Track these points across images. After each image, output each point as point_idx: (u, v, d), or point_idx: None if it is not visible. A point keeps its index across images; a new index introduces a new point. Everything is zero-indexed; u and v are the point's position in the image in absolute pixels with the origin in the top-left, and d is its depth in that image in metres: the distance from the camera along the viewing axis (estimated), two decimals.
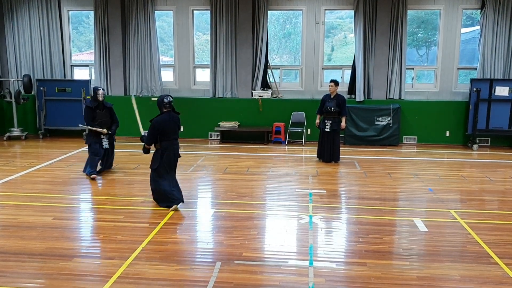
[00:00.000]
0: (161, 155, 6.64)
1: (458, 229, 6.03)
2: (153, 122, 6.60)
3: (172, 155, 6.71)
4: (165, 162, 6.66)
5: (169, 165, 6.73)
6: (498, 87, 11.95)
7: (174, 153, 6.76)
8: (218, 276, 4.59)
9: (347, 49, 14.06)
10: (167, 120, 6.62)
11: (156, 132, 6.57)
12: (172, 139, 6.71)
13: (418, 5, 12.59)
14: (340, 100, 9.90)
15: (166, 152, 6.65)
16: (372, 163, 10.21)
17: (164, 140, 6.63)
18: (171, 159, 6.72)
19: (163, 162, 6.65)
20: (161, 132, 6.58)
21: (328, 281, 4.53)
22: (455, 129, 12.57)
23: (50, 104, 13.16)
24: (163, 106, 6.66)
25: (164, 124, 6.59)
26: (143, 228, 5.92)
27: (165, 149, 6.64)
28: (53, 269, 4.70)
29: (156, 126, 6.56)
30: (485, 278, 4.61)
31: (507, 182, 8.67)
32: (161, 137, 6.62)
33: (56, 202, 7.05)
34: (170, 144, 6.67)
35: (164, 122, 6.59)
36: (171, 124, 6.67)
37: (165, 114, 6.65)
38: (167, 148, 6.65)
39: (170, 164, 6.73)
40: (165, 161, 6.66)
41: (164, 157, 6.64)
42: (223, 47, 12.95)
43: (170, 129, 6.65)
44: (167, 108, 6.67)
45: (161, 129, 6.57)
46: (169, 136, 6.66)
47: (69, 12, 13.74)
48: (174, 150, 6.75)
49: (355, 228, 6.04)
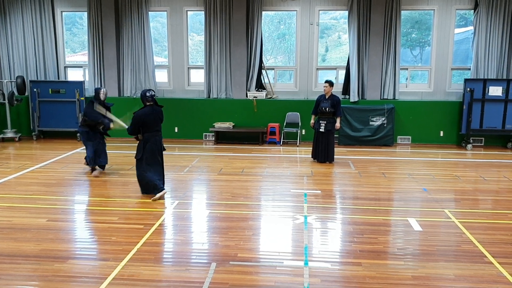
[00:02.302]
0: (143, 146, 7.13)
1: (452, 229, 6.06)
2: (135, 115, 7.06)
3: (154, 146, 7.16)
4: (148, 152, 7.14)
5: (152, 155, 7.18)
6: (491, 87, 12.03)
7: (156, 144, 7.20)
8: (213, 277, 4.58)
9: (341, 50, 14.10)
10: (149, 113, 7.09)
11: (138, 124, 7.05)
12: (154, 131, 7.18)
13: (411, 6, 12.64)
14: (335, 100, 9.92)
15: (148, 143, 7.12)
16: (366, 163, 10.23)
17: (146, 132, 7.11)
18: (153, 150, 7.17)
19: (146, 152, 7.13)
20: (142, 124, 7.05)
21: (323, 281, 4.54)
22: (449, 129, 12.63)
23: (43, 106, 13.11)
24: (145, 99, 7.13)
25: (146, 116, 7.06)
26: (138, 229, 5.90)
27: (147, 140, 7.12)
28: (48, 271, 4.67)
29: (138, 119, 7.03)
30: (480, 277, 4.63)
31: (501, 182, 8.72)
32: (143, 129, 7.09)
33: (51, 203, 7.02)
34: (151, 136, 7.14)
35: (146, 115, 7.06)
36: (153, 116, 7.13)
37: (148, 107, 7.14)
38: (148, 139, 7.13)
39: (153, 154, 7.18)
40: (148, 151, 7.13)
41: (147, 147, 7.12)
42: (217, 48, 12.95)
43: (151, 122, 7.12)
44: (149, 101, 7.14)
45: (142, 122, 7.03)
46: (151, 128, 7.13)
47: (63, 13, 13.69)
48: (156, 141, 7.20)
49: (350, 228, 6.05)
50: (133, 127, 7.10)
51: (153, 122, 7.17)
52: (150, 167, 7.20)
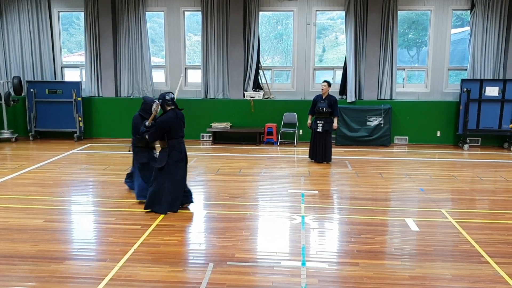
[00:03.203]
0: (168, 154, 6.45)
1: (449, 229, 6.07)
2: (159, 122, 6.39)
3: (178, 154, 6.51)
4: (173, 161, 6.47)
5: (178, 165, 6.52)
6: (488, 87, 12.06)
7: (181, 152, 6.55)
8: (210, 277, 4.58)
9: (338, 50, 14.11)
10: (173, 117, 6.43)
11: (163, 132, 6.39)
12: (179, 137, 6.53)
13: (408, 6, 12.67)
14: (332, 100, 9.94)
15: (173, 151, 6.47)
16: (363, 163, 10.25)
17: (171, 139, 6.45)
18: (178, 158, 6.50)
19: (170, 161, 6.45)
20: (168, 131, 6.40)
21: (321, 281, 4.54)
22: (446, 129, 12.66)
23: (40, 106, 13.07)
24: (165, 104, 6.46)
25: (171, 122, 6.39)
26: (135, 230, 5.89)
27: (172, 148, 6.47)
28: (45, 272, 4.66)
29: (162, 125, 6.36)
30: (476, 277, 4.65)
31: (497, 182, 8.74)
32: (168, 136, 6.42)
33: (47, 204, 7.00)
34: (177, 143, 6.50)
35: (171, 120, 6.40)
36: (177, 121, 6.48)
37: (170, 112, 6.45)
38: (174, 147, 6.48)
39: (177, 163, 6.51)
40: (173, 160, 6.47)
41: (172, 155, 6.45)
42: (214, 48, 12.94)
43: (176, 127, 6.47)
44: (170, 105, 6.47)
45: (168, 128, 6.38)
46: (176, 134, 6.48)
47: (59, 13, 13.65)
48: (181, 148, 6.56)
49: (347, 228, 6.05)
50: (157, 134, 6.43)
51: (178, 128, 6.51)
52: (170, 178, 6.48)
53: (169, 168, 6.44)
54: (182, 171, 6.58)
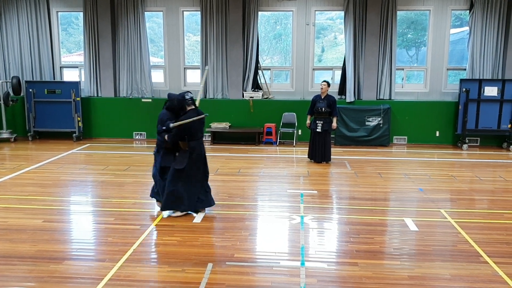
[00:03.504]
0: (189, 156, 6.18)
1: (448, 229, 6.07)
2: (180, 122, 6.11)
3: (199, 156, 6.28)
4: (193, 163, 6.21)
5: (197, 166, 6.27)
6: (487, 87, 12.08)
7: (202, 153, 6.34)
8: (209, 277, 4.58)
9: (337, 50, 14.11)
10: (194, 117, 6.12)
11: (184, 133, 6.10)
12: (199, 138, 6.31)
13: (407, 6, 12.68)
14: (331, 100, 9.95)
15: (194, 152, 6.21)
16: (362, 163, 10.25)
17: (191, 140, 6.19)
18: (198, 160, 6.27)
19: (191, 163, 6.19)
20: (189, 132, 6.13)
21: (320, 281, 4.54)
22: (445, 129, 12.67)
23: (39, 106, 13.06)
24: (185, 103, 6.20)
25: (192, 122, 6.09)
26: (134, 230, 5.89)
27: (193, 149, 6.21)
28: (44, 272, 4.66)
29: (185, 127, 6.09)
30: (475, 277, 4.65)
31: (496, 182, 8.75)
32: (189, 137, 6.17)
33: (46, 204, 6.99)
34: (197, 144, 6.26)
35: (193, 121, 6.09)
36: (198, 122, 6.22)
37: (191, 112, 6.16)
38: (194, 148, 6.22)
39: (198, 165, 6.27)
40: (194, 161, 6.21)
41: (193, 157, 6.20)
42: (213, 48, 12.94)
43: (197, 128, 6.24)
44: (190, 105, 6.21)
45: (188, 129, 6.11)
46: (196, 134, 6.24)
47: (58, 13, 13.64)
48: (201, 149, 6.33)
49: (346, 228, 6.05)
50: (178, 136, 6.12)
51: (198, 128, 6.28)
52: (190, 179, 6.24)
53: (189, 170, 6.20)
54: (200, 172, 6.34)
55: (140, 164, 9.90)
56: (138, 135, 13.37)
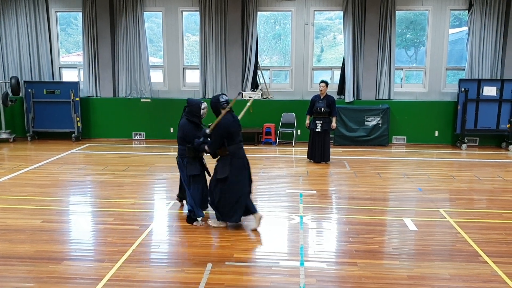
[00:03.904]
0: (230, 162, 5.78)
1: (447, 228, 6.08)
2: (218, 126, 5.73)
3: (241, 161, 5.85)
4: (236, 169, 5.78)
5: (240, 172, 5.84)
6: (485, 87, 12.08)
7: (243, 158, 5.89)
8: (209, 277, 4.58)
9: (336, 50, 14.12)
10: (231, 120, 5.79)
11: (222, 137, 5.71)
12: (238, 142, 5.87)
13: (406, 6, 12.68)
14: (330, 100, 9.95)
15: (234, 158, 5.80)
16: (362, 163, 10.25)
17: (231, 144, 5.77)
18: (241, 166, 5.85)
19: (233, 169, 5.76)
20: (227, 136, 5.74)
21: (319, 281, 4.54)
22: (444, 129, 12.68)
23: (38, 106, 13.05)
24: (220, 107, 5.82)
25: (230, 125, 5.74)
26: (133, 230, 5.88)
27: (233, 155, 5.80)
28: (43, 273, 4.65)
29: (223, 130, 5.70)
30: (474, 277, 4.65)
31: (495, 181, 8.76)
32: (228, 141, 5.76)
33: (45, 204, 6.99)
34: (237, 148, 5.83)
35: (229, 124, 5.74)
36: (236, 124, 5.87)
37: (228, 114, 5.79)
38: (235, 153, 5.81)
39: (241, 171, 5.84)
40: (236, 167, 5.78)
41: (234, 163, 5.78)
42: (212, 48, 12.94)
43: (236, 131, 5.82)
44: (225, 108, 5.81)
45: (227, 133, 5.71)
46: (236, 139, 5.81)
47: (57, 14, 13.63)
48: (241, 154, 5.89)
49: (345, 228, 6.06)
50: (217, 143, 5.75)
51: (237, 132, 5.85)
52: (237, 186, 5.82)
53: (232, 178, 5.78)
54: (245, 179, 5.92)
55: (139, 164, 9.89)
56: (137, 135, 13.37)
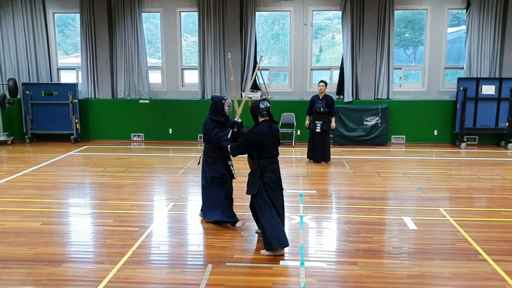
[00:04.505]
0: (260, 177, 5.22)
1: (447, 227, 6.08)
2: (249, 134, 5.30)
3: (273, 177, 5.25)
4: (268, 186, 5.21)
5: (272, 190, 5.24)
6: (484, 85, 12.08)
7: (276, 174, 5.30)
8: (209, 278, 4.57)
9: (335, 50, 14.12)
10: (266, 131, 5.21)
11: (251, 146, 5.19)
12: (272, 156, 5.29)
13: (405, 5, 12.68)
14: (329, 100, 9.96)
15: (266, 172, 5.23)
16: (361, 162, 10.25)
17: (262, 157, 5.21)
18: (274, 181, 5.25)
19: (266, 185, 5.20)
20: (258, 147, 5.17)
21: (320, 280, 4.54)
22: (443, 128, 12.68)
23: (36, 108, 13.02)
24: (259, 114, 5.29)
25: (263, 136, 5.18)
26: (133, 232, 5.87)
27: (264, 169, 5.23)
28: (42, 275, 4.64)
29: (253, 139, 5.18)
30: (474, 275, 4.65)
31: (494, 180, 8.76)
32: (258, 153, 5.20)
33: (44, 207, 6.97)
34: (270, 163, 5.25)
35: (263, 134, 5.18)
36: (271, 136, 5.25)
37: (264, 123, 5.26)
38: (266, 167, 5.23)
39: (273, 188, 5.24)
40: (268, 184, 5.20)
41: (265, 179, 5.20)
42: (211, 48, 12.93)
43: (269, 143, 5.22)
44: (264, 116, 5.29)
45: (258, 143, 5.15)
46: (269, 152, 5.24)
47: (54, 15, 13.61)
48: (275, 170, 5.30)
49: (345, 228, 6.05)
50: (243, 147, 5.26)
51: (271, 144, 5.25)
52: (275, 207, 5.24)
53: (266, 196, 5.22)
54: (278, 200, 5.32)
55: (138, 166, 9.88)
56: (136, 137, 13.35)
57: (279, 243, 5.10)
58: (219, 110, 5.91)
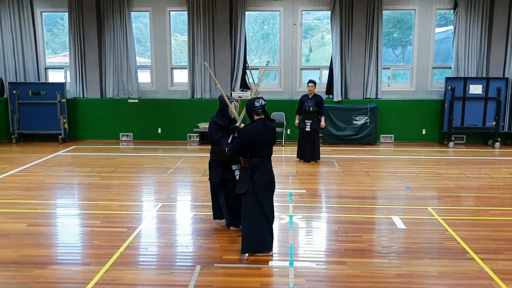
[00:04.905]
0: (250, 176, 5.08)
1: (435, 226, 6.11)
2: (243, 132, 5.11)
3: (264, 177, 5.10)
4: (257, 186, 5.06)
5: (262, 191, 5.10)
6: (472, 85, 12.18)
7: (267, 174, 5.14)
8: (197, 279, 4.54)
9: (324, 50, 14.14)
10: (260, 129, 5.07)
11: (245, 145, 5.03)
12: (265, 155, 5.15)
13: (393, 6, 12.74)
14: (318, 100, 9.98)
15: (257, 172, 5.08)
16: (350, 162, 10.28)
17: (254, 156, 5.07)
18: (264, 182, 5.10)
19: (255, 185, 5.05)
20: (252, 146, 5.05)
21: (309, 281, 4.54)
22: (431, 127, 12.76)
23: (23, 108, 12.86)
24: (254, 112, 5.15)
25: (257, 134, 5.04)
26: (121, 232, 5.82)
27: (255, 168, 5.08)
28: (28, 278, 4.58)
29: (246, 137, 5.03)
30: (462, 274, 4.68)
31: (482, 179, 8.83)
32: (251, 152, 5.07)
33: (31, 208, 6.89)
34: (262, 162, 5.11)
35: (257, 132, 5.05)
36: (266, 135, 5.12)
37: (259, 122, 5.13)
38: (257, 166, 5.08)
39: (263, 189, 5.10)
40: (257, 184, 5.05)
41: (255, 178, 5.06)
42: (201, 48, 12.88)
43: (263, 142, 5.09)
44: (259, 114, 5.15)
45: (252, 142, 5.02)
46: (262, 150, 5.10)
47: (42, 14, 13.46)
48: (267, 170, 5.15)
49: (334, 227, 6.06)
50: (239, 148, 5.08)
51: (265, 143, 5.11)
52: (261, 206, 5.09)
53: (253, 196, 5.07)
54: (267, 202, 5.17)
55: (127, 166, 9.81)
56: (125, 136, 13.26)
57: (250, 249, 5.09)
58: (223, 113, 5.74)
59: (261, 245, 5.09)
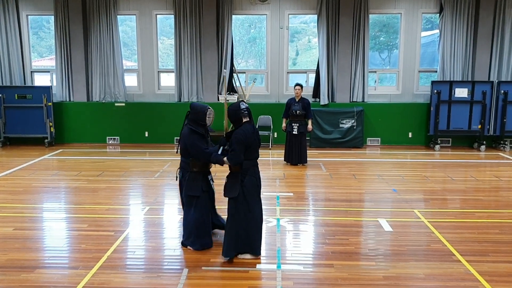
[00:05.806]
0: (241, 179, 5.01)
1: (422, 228, 6.17)
2: (237, 135, 4.92)
3: (254, 179, 5.07)
4: (247, 189, 5.01)
5: (252, 194, 5.07)
6: (457, 88, 12.34)
7: (256, 177, 5.11)
8: (185, 283, 4.54)
9: (311, 53, 14.22)
10: (251, 131, 5.00)
11: (244, 148, 4.92)
12: (254, 158, 5.10)
13: (379, 9, 12.87)
14: (305, 103, 10.03)
15: (247, 175, 5.03)
16: (337, 165, 10.34)
17: (245, 159, 4.98)
18: (254, 185, 5.08)
19: (245, 188, 5.00)
20: (246, 147, 4.96)
21: (296, 283, 4.55)
22: (417, 130, 12.89)
23: (9, 112, 12.72)
24: (241, 115, 5.02)
25: (250, 137, 4.97)
26: (108, 236, 5.79)
27: (245, 171, 5.02)
28: (14, 282, 4.53)
29: (243, 140, 4.89)
30: (449, 276, 4.74)
31: (467, 181, 8.94)
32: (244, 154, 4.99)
33: (17, 212, 6.82)
34: (251, 165, 5.05)
35: (250, 135, 4.96)
36: (255, 137, 5.06)
37: (247, 124, 5.04)
38: (247, 170, 5.02)
39: (255, 191, 5.10)
40: (247, 187, 5.01)
41: (246, 181, 5.00)
42: (187, 51, 12.87)
43: (254, 144, 5.04)
44: (246, 116, 5.05)
45: (248, 144, 4.94)
46: (252, 154, 5.05)
47: (28, 17, 13.34)
48: (256, 173, 5.12)
49: (321, 230, 6.09)
50: (240, 152, 4.90)
51: (255, 145, 5.07)
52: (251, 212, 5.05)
53: (243, 199, 5.01)
54: (257, 205, 5.16)
55: (113, 169, 9.75)
56: (112, 140, 13.18)
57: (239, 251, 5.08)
58: (200, 121, 5.31)
59: (250, 247, 5.09)
